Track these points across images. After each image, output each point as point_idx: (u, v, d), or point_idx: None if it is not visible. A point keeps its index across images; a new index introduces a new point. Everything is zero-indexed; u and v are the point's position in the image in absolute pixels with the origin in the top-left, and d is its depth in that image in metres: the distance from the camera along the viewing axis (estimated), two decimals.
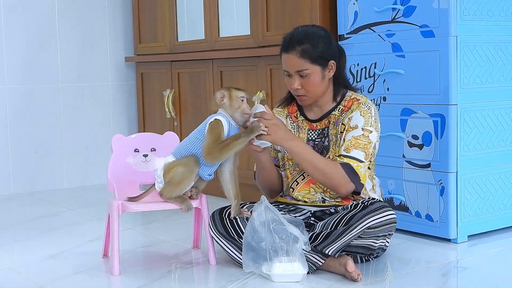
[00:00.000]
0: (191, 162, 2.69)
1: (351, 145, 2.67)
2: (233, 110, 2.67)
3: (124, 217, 3.06)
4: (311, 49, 2.69)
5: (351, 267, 2.53)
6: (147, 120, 4.93)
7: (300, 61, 2.69)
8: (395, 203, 3.25)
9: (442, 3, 3.00)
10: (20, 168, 4.72)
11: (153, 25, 4.81)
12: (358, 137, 2.68)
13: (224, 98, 2.68)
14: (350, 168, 2.64)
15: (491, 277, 2.63)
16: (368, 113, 2.71)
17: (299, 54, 2.69)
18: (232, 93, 2.68)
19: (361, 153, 2.66)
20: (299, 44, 2.70)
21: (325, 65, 2.72)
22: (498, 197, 3.21)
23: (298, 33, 2.74)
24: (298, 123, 2.86)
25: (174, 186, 2.70)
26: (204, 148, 2.65)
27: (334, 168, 2.64)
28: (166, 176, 2.72)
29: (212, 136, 2.63)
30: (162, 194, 2.73)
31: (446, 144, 3.04)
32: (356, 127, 2.69)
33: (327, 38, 2.75)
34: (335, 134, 2.77)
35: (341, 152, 2.68)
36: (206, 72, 4.30)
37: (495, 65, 3.15)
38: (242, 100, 2.68)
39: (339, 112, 2.79)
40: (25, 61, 4.71)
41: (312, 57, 2.69)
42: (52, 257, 3.03)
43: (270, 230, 2.53)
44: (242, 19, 4.04)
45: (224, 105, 2.69)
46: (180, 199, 2.73)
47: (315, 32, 2.74)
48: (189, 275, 2.76)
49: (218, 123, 2.64)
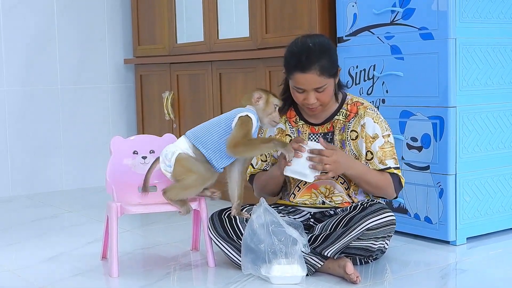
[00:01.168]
0: (208, 173, 2.68)
1: (382, 156, 2.74)
2: (264, 114, 2.70)
3: (123, 219, 3.06)
4: (329, 65, 2.66)
5: (350, 269, 2.53)
6: (146, 122, 4.93)
7: (320, 79, 2.65)
8: (394, 205, 3.25)
9: (441, 5, 3.00)
10: (19, 170, 4.72)
11: (152, 27, 4.81)
12: (383, 146, 2.74)
13: (260, 100, 2.70)
14: (398, 180, 2.76)
15: (490, 279, 2.63)
16: (378, 118, 2.76)
17: (319, 72, 2.63)
18: (269, 98, 2.70)
19: (391, 161, 2.75)
20: (317, 61, 2.63)
21: (336, 75, 2.73)
22: (497, 199, 3.21)
23: (311, 49, 2.65)
24: (298, 128, 2.85)
25: (181, 190, 2.70)
26: (231, 140, 2.63)
27: (386, 183, 2.74)
28: (177, 169, 2.69)
29: (241, 131, 2.63)
30: (166, 193, 2.72)
31: (445, 146, 3.04)
32: (376, 136, 2.74)
33: (332, 45, 2.73)
34: (341, 140, 2.77)
35: (378, 166, 2.74)
36: (205, 74, 4.30)
37: (494, 68, 3.15)
38: (276, 108, 2.70)
39: (344, 118, 2.78)
40: (25, 63, 4.71)
41: (330, 73, 2.67)
42: (51, 259, 3.03)
43: (269, 232, 2.53)
44: (241, 21, 4.04)
45: (257, 106, 2.70)
46: (180, 202, 2.73)
47: (325, 43, 2.69)
48: (188, 277, 2.76)
49: (249, 120, 2.65)
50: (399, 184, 2.77)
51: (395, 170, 2.75)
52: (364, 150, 2.75)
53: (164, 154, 2.73)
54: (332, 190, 2.77)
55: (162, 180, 2.85)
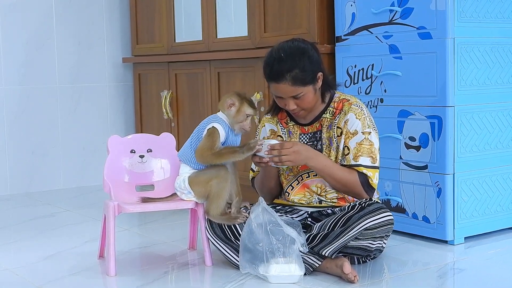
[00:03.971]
0: (221, 171, 2.69)
1: (358, 152, 2.71)
2: (234, 121, 2.70)
3: (120, 218, 3.06)
4: (301, 74, 2.65)
5: (347, 269, 2.53)
6: (145, 121, 4.93)
7: (294, 88, 2.66)
8: (392, 205, 3.25)
9: (439, 5, 3.00)
10: (17, 169, 4.71)
11: (151, 26, 4.81)
12: (361, 143, 2.72)
13: (232, 107, 2.70)
14: (366, 179, 2.71)
15: (488, 279, 2.63)
16: (362, 114, 2.74)
17: (291, 82, 2.65)
18: (242, 107, 2.69)
19: (367, 159, 2.71)
20: (288, 71, 2.64)
21: (315, 81, 2.72)
22: (495, 199, 3.21)
23: (281, 59, 2.66)
24: (289, 129, 2.86)
25: (216, 201, 2.69)
26: (198, 151, 2.68)
27: (352, 180, 2.70)
28: (196, 189, 2.72)
29: (207, 142, 2.66)
30: (209, 213, 2.71)
31: (443, 145, 3.04)
32: (356, 132, 2.72)
33: (308, 51, 2.70)
34: (328, 138, 2.78)
35: (350, 162, 2.72)
36: (204, 73, 4.30)
37: (492, 67, 3.15)
38: (247, 117, 2.70)
39: (331, 115, 2.79)
40: (23, 61, 4.70)
41: (304, 81, 2.67)
42: (48, 258, 3.03)
43: (267, 231, 2.53)
44: (240, 20, 4.04)
45: (229, 112, 2.70)
46: (226, 217, 2.70)
47: (297, 52, 2.67)
48: (185, 276, 2.76)
49: (215, 132, 2.67)
50: (368, 185, 2.72)
51: (369, 169, 2.70)
52: (341, 146, 2.75)
53: (177, 188, 2.77)
54: (324, 188, 2.78)
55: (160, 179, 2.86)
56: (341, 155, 2.75)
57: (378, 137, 2.78)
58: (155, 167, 2.95)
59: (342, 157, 2.75)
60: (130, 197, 2.86)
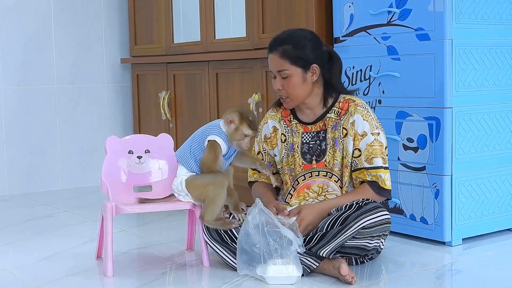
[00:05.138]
0: (218, 177, 2.69)
1: (370, 154, 2.73)
2: (232, 138, 2.70)
3: (118, 218, 3.06)
4: (292, 50, 2.72)
5: (345, 271, 2.53)
6: (143, 121, 4.93)
7: (281, 61, 2.73)
8: (390, 206, 3.25)
9: (437, 6, 3.01)
10: (15, 169, 4.71)
11: (149, 27, 4.81)
12: (372, 144, 2.73)
13: (232, 124, 2.70)
14: (377, 186, 2.73)
15: (486, 280, 2.63)
16: (368, 115, 2.76)
17: (280, 54, 2.73)
18: (241, 126, 2.69)
19: (379, 160, 2.73)
20: (281, 44, 2.74)
21: (307, 68, 2.74)
22: (492, 200, 3.21)
23: (283, 34, 2.79)
24: (292, 127, 2.86)
25: (211, 206, 2.68)
26: (204, 164, 2.70)
27: (369, 195, 2.72)
28: (193, 192, 2.72)
29: (211, 156, 2.69)
30: (204, 218, 2.71)
31: (441, 147, 3.04)
32: (365, 134, 2.74)
33: (313, 41, 2.77)
34: (333, 138, 2.77)
35: (364, 165, 2.73)
36: (202, 74, 4.30)
37: (490, 69, 3.15)
38: (246, 136, 2.70)
39: (336, 115, 2.79)
40: (21, 62, 4.70)
41: (292, 58, 2.72)
42: (46, 259, 3.03)
43: (264, 232, 2.53)
44: (238, 21, 4.04)
45: (227, 128, 2.70)
46: (220, 222, 2.70)
47: (300, 35, 2.77)
48: (183, 277, 2.76)
49: (216, 146, 2.68)
50: (380, 189, 2.74)
51: (384, 170, 2.73)
52: (351, 148, 2.75)
53: (175, 189, 2.77)
54: (325, 188, 2.78)
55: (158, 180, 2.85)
56: (350, 157, 2.75)
57: (385, 137, 2.80)
58: (153, 168, 2.95)
59: (353, 160, 2.75)
60: (128, 197, 2.86)
